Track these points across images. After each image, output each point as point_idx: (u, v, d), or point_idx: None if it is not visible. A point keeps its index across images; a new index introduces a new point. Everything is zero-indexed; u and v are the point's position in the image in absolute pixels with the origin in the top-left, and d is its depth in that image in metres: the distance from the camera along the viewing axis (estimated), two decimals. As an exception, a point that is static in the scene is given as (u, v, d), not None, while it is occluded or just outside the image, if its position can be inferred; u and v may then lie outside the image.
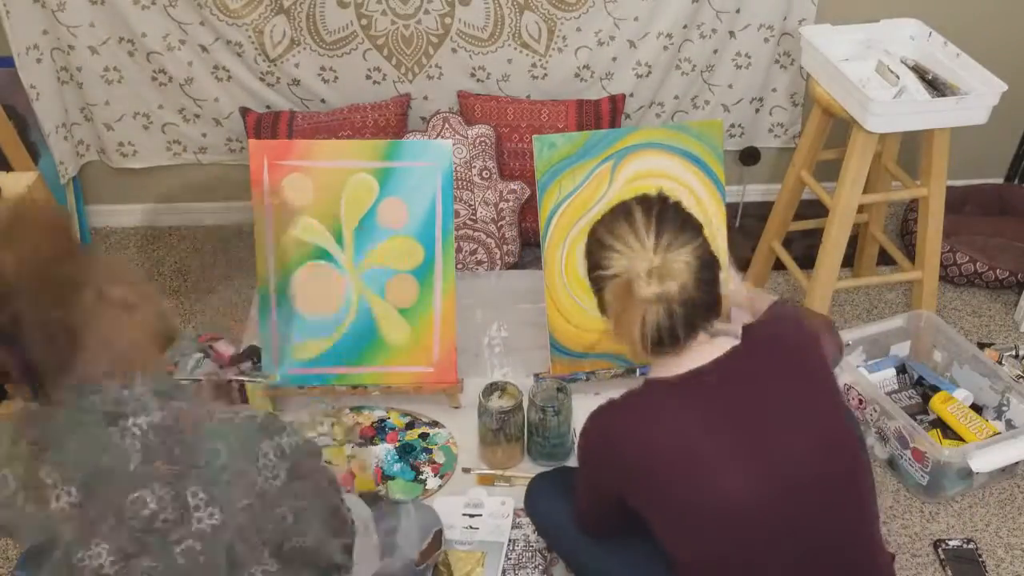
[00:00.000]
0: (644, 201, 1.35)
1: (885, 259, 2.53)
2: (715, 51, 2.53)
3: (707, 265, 1.30)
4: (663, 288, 1.26)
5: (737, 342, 1.33)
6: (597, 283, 1.36)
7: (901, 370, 2.19)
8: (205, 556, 1.14)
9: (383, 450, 1.99)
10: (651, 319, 1.27)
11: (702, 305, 1.30)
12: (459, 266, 2.47)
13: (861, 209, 2.24)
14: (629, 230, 1.30)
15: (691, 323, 1.30)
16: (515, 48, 2.49)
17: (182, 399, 1.21)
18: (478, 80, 2.55)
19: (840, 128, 2.22)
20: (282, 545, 1.21)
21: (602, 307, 1.38)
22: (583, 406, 2.00)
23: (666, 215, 1.32)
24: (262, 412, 1.25)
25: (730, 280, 1.80)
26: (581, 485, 1.48)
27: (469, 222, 2.47)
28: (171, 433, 1.15)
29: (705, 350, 1.32)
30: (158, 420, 1.15)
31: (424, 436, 2.03)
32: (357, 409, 2.08)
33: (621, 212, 1.35)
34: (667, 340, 1.30)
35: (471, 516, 1.84)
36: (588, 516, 1.51)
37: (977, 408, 2.07)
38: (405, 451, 1.99)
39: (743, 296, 1.77)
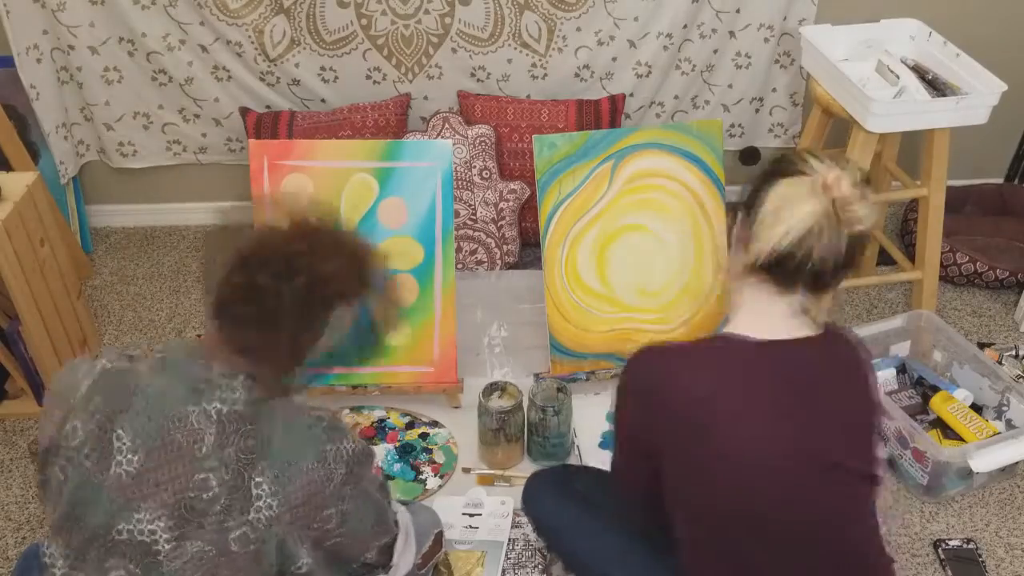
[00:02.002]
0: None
1: (885, 259, 2.53)
2: (715, 51, 2.53)
3: (861, 247, 1.27)
4: (858, 207, 1.21)
5: (812, 330, 1.31)
6: (771, 175, 1.31)
7: (901, 370, 2.19)
8: (256, 545, 1.17)
9: (383, 450, 1.99)
10: (799, 229, 1.23)
11: (846, 260, 1.26)
12: (459, 266, 2.47)
13: (861, 209, 2.24)
14: (833, 162, 1.27)
15: (826, 267, 1.25)
16: (515, 48, 2.49)
17: (271, 388, 1.25)
18: (478, 80, 2.55)
19: (840, 128, 2.22)
20: (324, 542, 1.24)
21: (754, 198, 1.32)
22: (583, 406, 2.01)
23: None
24: (328, 414, 1.29)
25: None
26: (618, 428, 1.42)
27: (469, 222, 2.47)
28: (246, 422, 1.19)
29: (791, 321, 1.29)
30: (240, 408, 1.19)
31: (424, 436, 2.03)
32: (357, 409, 2.08)
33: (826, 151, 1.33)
34: (790, 268, 1.25)
35: (471, 516, 1.84)
36: (619, 466, 1.45)
37: (977, 408, 2.07)
38: (405, 451, 1.99)
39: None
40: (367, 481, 1.30)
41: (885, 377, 2.14)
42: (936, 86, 2.06)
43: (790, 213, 1.25)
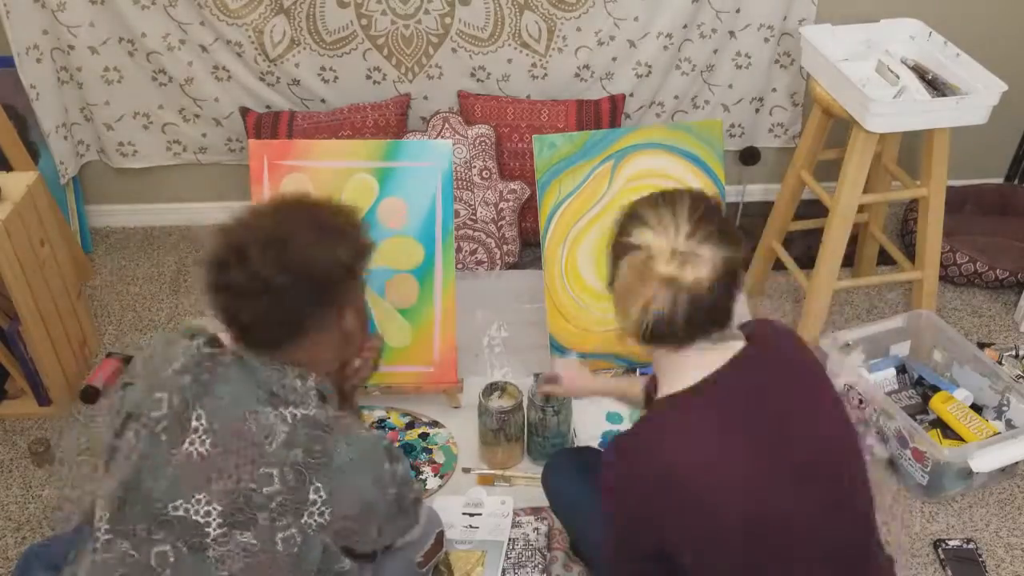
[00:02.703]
0: (696, 195, 1.31)
1: (885, 259, 2.53)
2: (715, 51, 2.53)
3: (731, 276, 1.26)
4: (680, 273, 1.22)
5: (737, 347, 1.30)
6: (616, 251, 1.31)
7: (901, 370, 2.19)
8: (300, 549, 1.20)
9: (383, 450, 1.99)
10: (656, 305, 1.24)
11: (711, 310, 1.25)
12: (459, 266, 2.47)
13: (861, 209, 2.24)
14: (669, 212, 1.26)
15: (693, 324, 1.25)
16: (515, 48, 2.49)
17: (333, 405, 1.31)
18: (478, 80, 2.55)
19: (840, 128, 2.22)
20: (358, 548, 1.30)
21: (612, 277, 1.34)
22: (583, 406, 2.01)
23: (712, 215, 1.28)
24: (385, 436, 1.34)
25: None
26: (610, 533, 1.39)
27: (469, 222, 2.47)
28: (317, 428, 1.23)
29: (707, 356, 1.28)
30: (311, 414, 1.23)
31: (424, 436, 2.03)
32: (357, 409, 2.09)
33: (669, 196, 1.31)
34: (666, 333, 1.26)
35: (471, 515, 1.84)
36: (614, 566, 1.41)
37: (977, 408, 2.07)
38: (405, 451, 1.99)
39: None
40: (411, 500, 1.36)
41: (885, 377, 2.14)
42: (936, 86, 2.06)
43: (636, 295, 1.26)
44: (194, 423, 1.20)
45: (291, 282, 1.21)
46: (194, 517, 1.19)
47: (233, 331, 1.25)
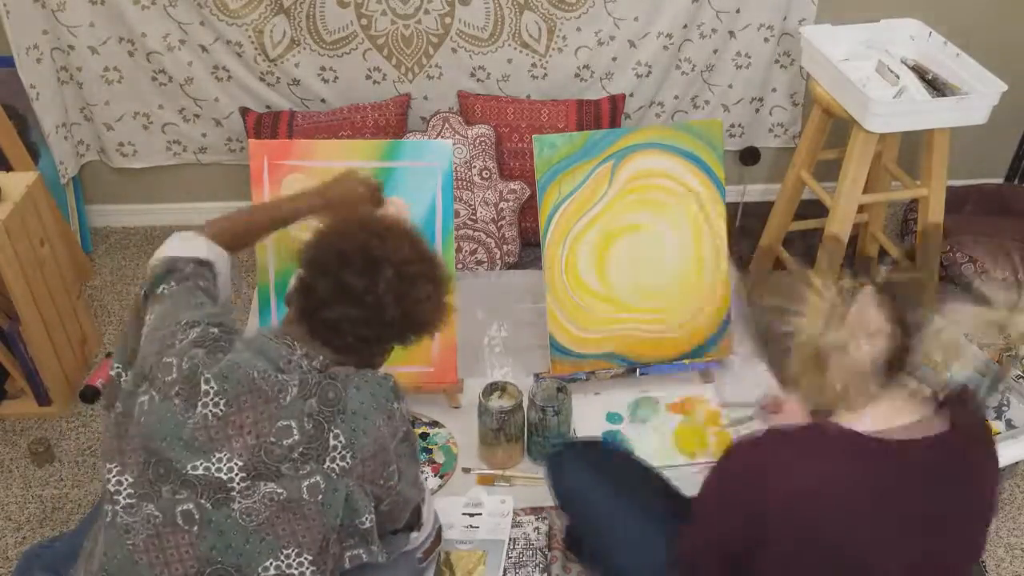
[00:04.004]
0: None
1: (885, 259, 2.53)
2: (715, 51, 2.53)
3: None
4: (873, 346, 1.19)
5: (928, 402, 1.25)
6: (779, 341, 1.29)
7: (901, 370, 2.18)
8: (325, 496, 1.23)
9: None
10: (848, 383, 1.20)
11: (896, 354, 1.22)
12: (459, 266, 2.47)
13: (861, 209, 2.24)
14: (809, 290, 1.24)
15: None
16: (515, 48, 2.49)
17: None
18: (478, 80, 2.55)
19: (840, 128, 2.22)
20: (383, 501, 1.31)
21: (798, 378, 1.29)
22: (583, 406, 2.01)
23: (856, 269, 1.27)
24: (391, 376, 1.36)
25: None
26: (701, 518, 1.36)
27: (469, 222, 2.47)
28: (328, 378, 1.27)
29: (898, 407, 1.23)
30: (318, 365, 1.28)
31: (424, 436, 2.03)
32: (357, 409, 2.08)
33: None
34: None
35: (471, 516, 1.84)
36: (694, 553, 1.38)
37: (977, 408, 2.07)
38: (405, 451, 1.99)
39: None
40: (414, 439, 1.40)
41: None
42: (936, 86, 2.06)
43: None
44: (204, 387, 1.22)
45: (397, 317, 1.32)
46: (216, 475, 1.21)
47: (304, 311, 1.31)
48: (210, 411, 1.22)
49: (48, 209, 2.14)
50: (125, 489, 1.22)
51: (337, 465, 1.24)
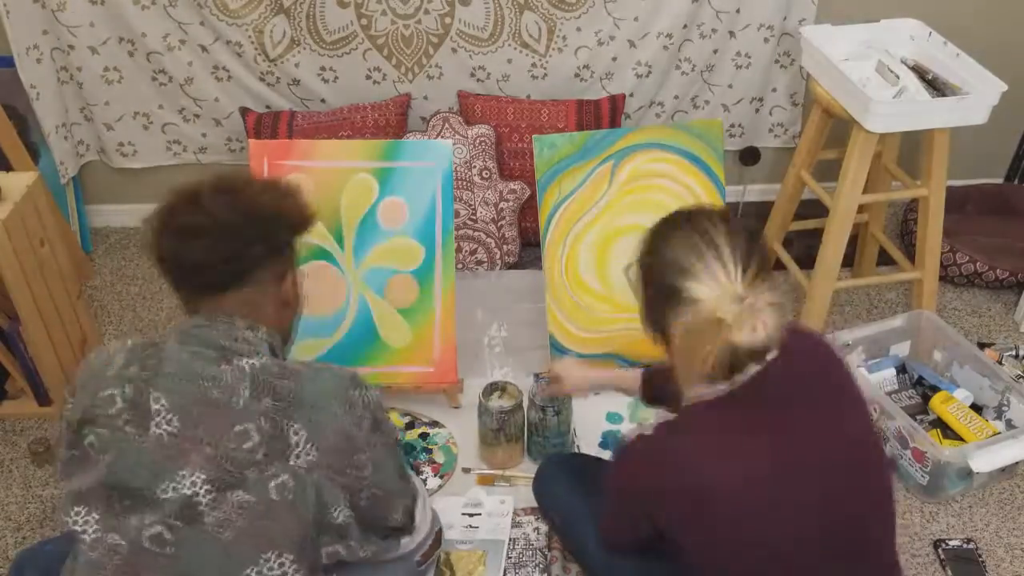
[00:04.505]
0: (725, 220, 1.28)
1: (885, 259, 2.53)
2: (715, 51, 2.53)
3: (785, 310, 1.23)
4: (753, 337, 1.18)
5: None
6: (664, 292, 1.26)
7: (901, 370, 2.18)
8: (295, 494, 1.21)
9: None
10: (720, 357, 1.20)
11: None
12: (459, 266, 2.47)
13: (861, 209, 2.24)
14: (715, 257, 1.22)
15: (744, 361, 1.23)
16: (515, 48, 2.49)
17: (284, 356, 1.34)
18: (478, 80, 2.55)
19: (840, 128, 2.22)
20: (359, 493, 1.29)
21: (652, 313, 1.32)
22: (583, 406, 2.01)
23: (754, 246, 1.24)
24: (350, 368, 1.34)
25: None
26: (611, 511, 1.44)
27: (469, 222, 2.47)
28: (277, 374, 1.25)
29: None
30: (266, 362, 1.25)
31: (424, 436, 2.03)
32: (357, 409, 2.08)
33: (701, 226, 1.29)
34: (720, 376, 1.23)
35: (471, 516, 1.84)
36: (613, 533, 1.47)
37: (977, 408, 2.07)
38: (405, 451, 1.99)
39: None
40: (389, 431, 1.36)
41: (885, 377, 2.14)
42: (936, 86, 2.06)
43: (695, 346, 1.24)
44: (154, 407, 1.20)
45: (240, 221, 1.26)
46: (183, 492, 1.19)
47: (177, 278, 1.29)
48: (164, 430, 1.19)
49: (48, 209, 2.14)
50: (92, 526, 1.21)
51: (304, 460, 1.22)
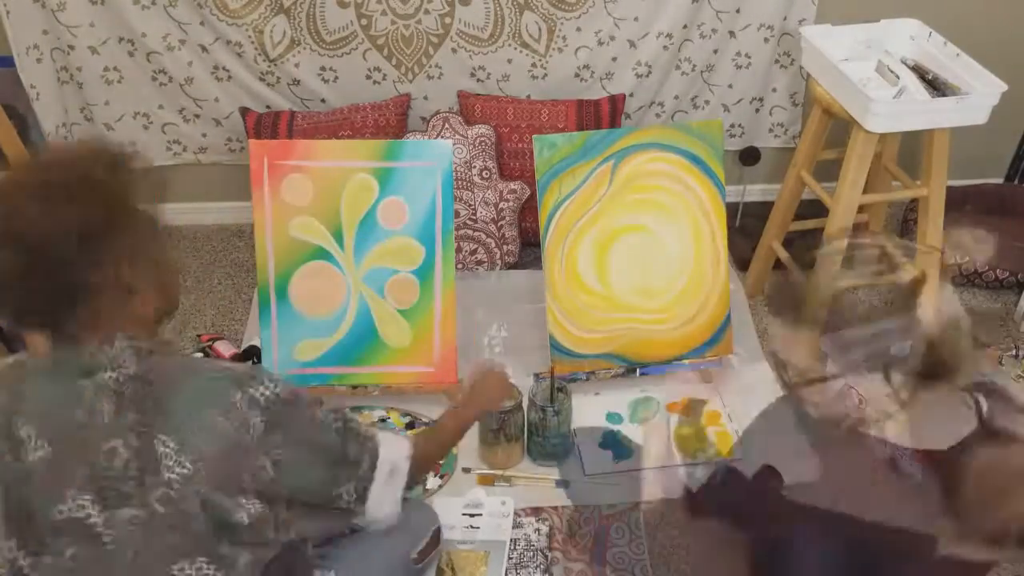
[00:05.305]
0: None
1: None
2: (715, 51, 2.53)
3: None
4: None
5: None
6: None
7: (901, 370, 2.18)
8: (179, 505, 1.14)
9: (383, 450, 1.98)
10: None
11: None
12: (459, 266, 2.47)
13: (861, 209, 2.24)
14: None
15: None
16: (515, 48, 2.49)
17: (161, 354, 1.20)
18: (478, 80, 2.55)
19: (840, 128, 2.22)
20: (269, 492, 1.20)
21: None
22: (583, 406, 2.01)
23: None
24: (243, 366, 1.26)
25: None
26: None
27: (469, 222, 2.47)
28: (144, 385, 1.15)
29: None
30: (132, 372, 1.15)
31: (424, 436, 2.03)
32: (357, 409, 2.08)
33: None
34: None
35: (471, 516, 1.84)
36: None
37: (977, 408, 2.07)
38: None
39: None
40: (301, 426, 1.24)
41: (885, 377, 2.14)
42: (936, 86, 2.06)
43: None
44: (23, 435, 1.15)
45: (10, 257, 1.09)
46: (75, 514, 1.15)
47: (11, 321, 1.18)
48: (39, 456, 1.15)
49: (48, 209, 2.13)
50: (23, 556, 1.17)
51: (176, 473, 1.13)
